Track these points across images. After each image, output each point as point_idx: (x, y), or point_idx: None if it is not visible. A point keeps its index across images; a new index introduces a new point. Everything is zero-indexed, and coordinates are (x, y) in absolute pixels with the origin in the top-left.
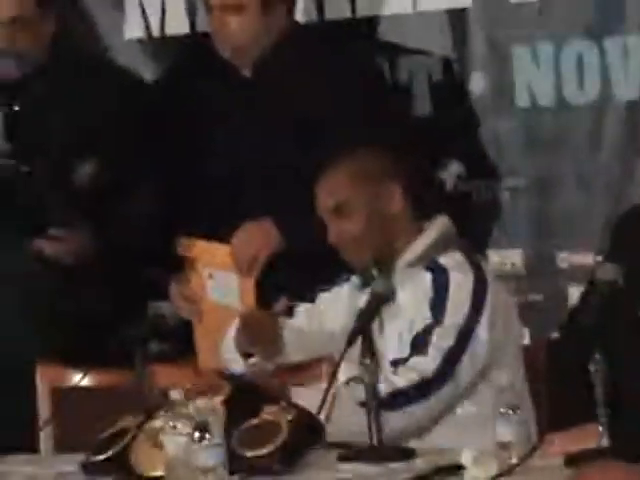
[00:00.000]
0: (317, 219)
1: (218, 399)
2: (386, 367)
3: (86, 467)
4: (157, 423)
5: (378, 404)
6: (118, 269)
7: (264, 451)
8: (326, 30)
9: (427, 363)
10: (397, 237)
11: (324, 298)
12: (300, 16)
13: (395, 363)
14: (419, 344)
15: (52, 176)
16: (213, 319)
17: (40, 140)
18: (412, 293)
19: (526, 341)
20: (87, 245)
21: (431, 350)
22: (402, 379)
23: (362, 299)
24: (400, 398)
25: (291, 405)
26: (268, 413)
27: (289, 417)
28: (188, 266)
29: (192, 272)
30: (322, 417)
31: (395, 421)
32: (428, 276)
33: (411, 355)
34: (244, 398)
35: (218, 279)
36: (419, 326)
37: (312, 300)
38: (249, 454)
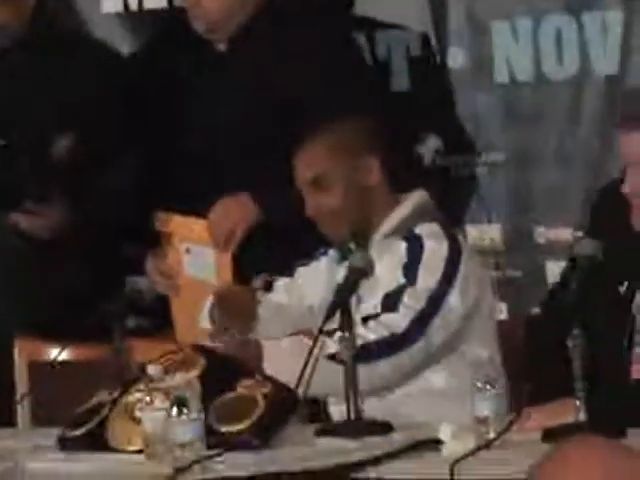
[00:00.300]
0: (295, 192)
1: (194, 373)
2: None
3: (62, 442)
4: (133, 397)
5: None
6: (95, 244)
7: (241, 426)
8: (301, 5)
9: (397, 320)
10: (374, 210)
11: (302, 272)
12: None
13: (365, 319)
14: (389, 303)
15: (29, 149)
16: (190, 294)
17: (17, 113)
18: (388, 263)
19: (504, 316)
20: (63, 219)
21: (401, 308)
22: (371, 333)
23: (340, 273)
24: (368, 351)
25: (266, 379)
26: (244, 387)
27: (265, 391)
28: (165, 241)
29: (169, 247)
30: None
31: (362, 374)
32: (403, 244)
33: (382, 312)
34: (219, 372)
35: (195, 254)
36: (390, 287)
37: (290, 274)
38: (225, 429)
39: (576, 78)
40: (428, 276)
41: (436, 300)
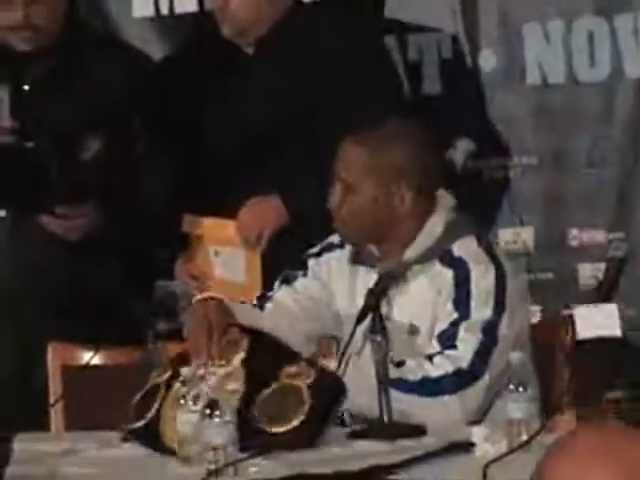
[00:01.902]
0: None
1: (238, 359)
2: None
3: (128, 435)
4: (178, 391)
5: (389, 382)
6: (125, 246)
7: (288, 427)
8: (330, 8)
9: (461, 355)
10: (398, 229)
11: (324, 268)
12: None
13: (429, 357)
14: (446, 339)
15: (59, 152)
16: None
17: (47, 116)
18: (427, 287)
19: (536, 319)
20: (94, 222)
21: (460, 344)
22: (438, 369)
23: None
24: (433, 386)
25: (310, 364)
26: (288, 376)
27: (309, 381)
28: (194, 243)
29: (198, 249)
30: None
31: (427, 408)
32: (448, 273)
33: (442, 350)
34: (263, 356)
35: (224, 256)
36: (443, 322)
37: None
38: (273, 429)
39: (608, 80)
40: (480, 307)
41: (492, 331)
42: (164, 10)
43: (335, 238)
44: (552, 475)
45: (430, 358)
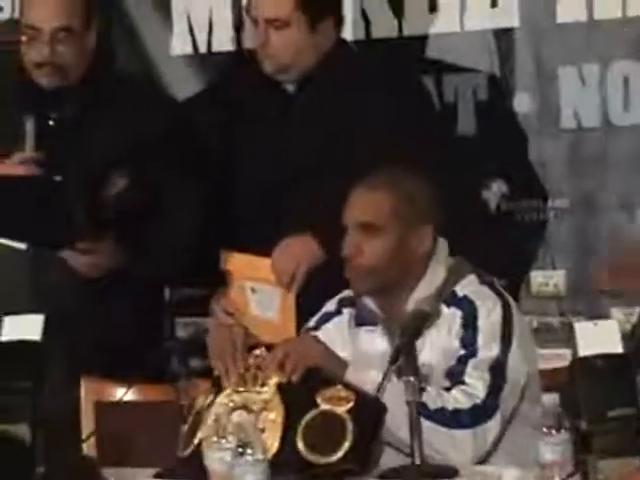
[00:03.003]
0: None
1: (272, 382)
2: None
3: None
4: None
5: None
6: (148, 284)
7: (334, 457)
8: (372, 49)
9: (474, 392)
10: (411, 274)
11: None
12: (348, 35)
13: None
14: (455, 375)
15: (84, 188)
16: (256, 333)
17: (73, 151)
18: (436, 331)
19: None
20: (115, 259)
21: (470, 380)
22: (454, 401)
23: (360, 336)
24: (449, 418)
25: (347, 387)
26: (326, 401)
27: (349, 405)
28: (230, 280)
29: (234, 286)
30: None
31: (440, 439)
32: (457, 313)
33: (452, 385)
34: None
35: (260, 293)
36: (451, 359)
37: None
38: (320, 460)
39: None
40: (487, 344)
41: (500, 369)
42: (202, 48)
43: (330, 306)
44: None
45: (447, 390)
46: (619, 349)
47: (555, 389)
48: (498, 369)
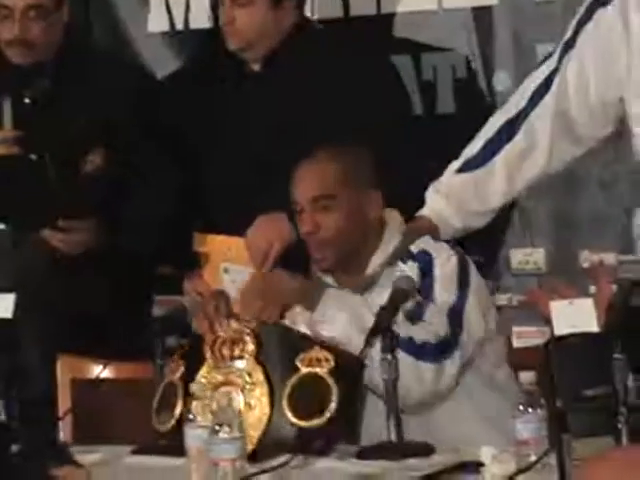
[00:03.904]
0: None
1: (250, 354)
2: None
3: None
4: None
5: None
6: (127, 261)
7: (323, 419)
8: (338, 26)
9: (435, 329)
10: (368, 240)
11: None
12: (326, 13)
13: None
14: (415, 316)
15: (60, 166)
16: None
17: (49, 129)
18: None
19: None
20: (95, 236)
21: (429, 320)
22: (419, 333)
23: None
24: (416, 349)
25: (326, 348)
26: (306, 364)
27: (330, 365)
28: (203, 261)
29: (208, 267)
30: None
31: (406, 368)
32: (414, 266)
33: (413, 324)
34: (274, 346)
35: (233, 273)
36: (409, 304)
37: None
38: (310, 423)
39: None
40: (444, 291)
41: (458, 314)
42: (179, 25)
43: None
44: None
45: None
46: (595, 328)
47: (533, 367)
48: (455, 315)
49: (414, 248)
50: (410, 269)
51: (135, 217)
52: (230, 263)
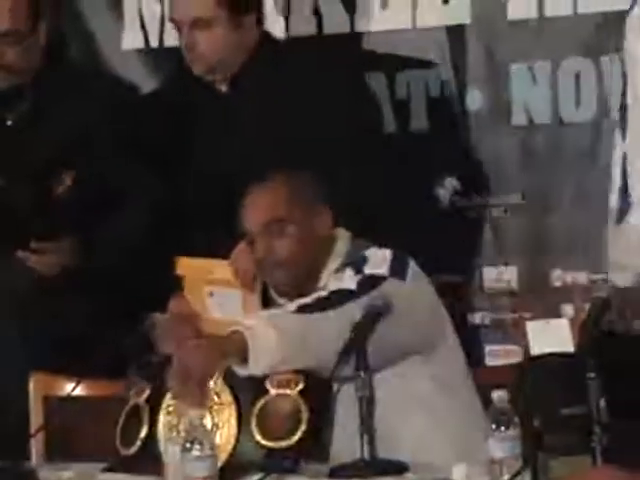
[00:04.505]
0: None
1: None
2: None
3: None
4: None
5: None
6: (106, 280)
7: (293, 440)
8: (303, 42)
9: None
10: (321, 256)
11: None
12: (300, 30)
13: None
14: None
15: (31, 188)
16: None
17: (22, 152)
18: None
19: (518, 359)
20: (71, 256)
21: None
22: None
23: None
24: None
25: (294, 370)
26: (275, 385)
27: (299, 387)
28: (186, 285)
29: (192, 291)
30: None
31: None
32: (347, 269)
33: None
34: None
35: (218, 297)
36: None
37: None
38: (279, 445)
39: (594, 121)
40: (374, 268)
41: (379, 283)
42: (153, 43)
43: None
44: None
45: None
46: (570, 348)
47: (505, 385)
48: (377, 281)
49: (356, 257)
50: (345, 273)
51: (113, 235)
52: (214, 286)
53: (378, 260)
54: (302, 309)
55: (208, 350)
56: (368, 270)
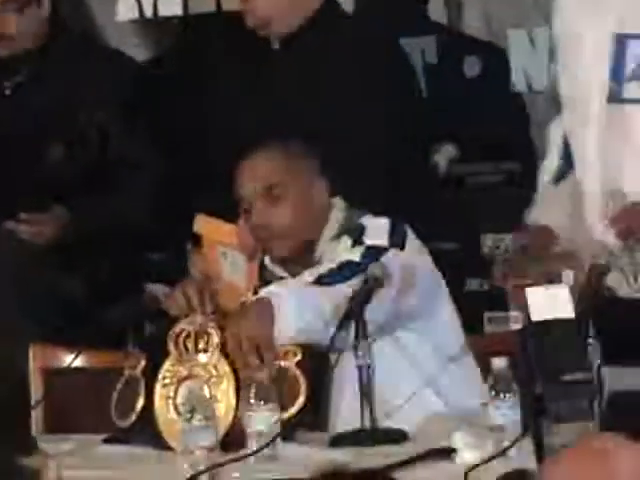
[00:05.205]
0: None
1: (215, 346)
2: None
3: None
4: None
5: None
6: (104, 250)
7: (292, 411)
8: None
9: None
10: (317, 227)
11: None
12: None
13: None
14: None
15: (20, 158)
16: (227, 298)
17: (17, 121)
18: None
19: (518, 325)
20: (62, 226)
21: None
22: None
23: None
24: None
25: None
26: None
27: (296, 359)
28: (205, 244)
29: (208, 249)
30: None
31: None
32: (345, 237)
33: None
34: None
35: (231, 258)
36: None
37: None
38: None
39: None
40: (372, 238)
41: (378, 252)
42: (148, 13)
43: None
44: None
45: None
46: (571, 314)
47: (505, 352)
48: (380, 252)
49: (353, 225)
50: (342, 242)
51: (107, 208)
52: (227, 248)
53: (376, 229)
54: (319, 281)
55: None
56: (368, 240)
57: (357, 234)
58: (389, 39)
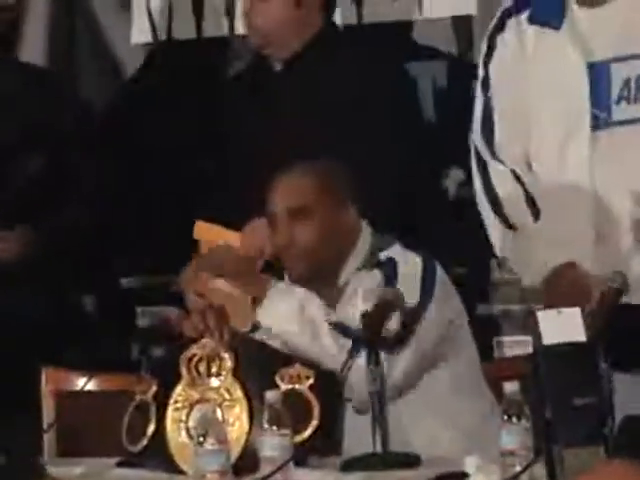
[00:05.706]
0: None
1: (227, 370)
2: None
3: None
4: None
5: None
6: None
7: (304, 435)
8: (361, 35)
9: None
10: (342, 251)
11: None
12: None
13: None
14: None
15: None
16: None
17: None
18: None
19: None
20: (28, 244)
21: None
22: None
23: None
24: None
25: (304, 364)
26: (285, 380)
27: (309, 382)
28: (202, 250)
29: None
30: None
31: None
32: (376, 271)
33: None
34: (253, 363)
35: None
36: None
37: None
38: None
39: None
40: (406, 293)
41: (414, 319)
42: (162, 36)
43: None
44: None
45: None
46: (583, 337)
47: (516, 377)
48: (412, 314)
49: (382, 256)
50: (372, 278)
51: (70, 223)
52: None
53: (408, 276)
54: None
55: None
56: (399, 285)
57: (388, 270)
58: (392, 61)
